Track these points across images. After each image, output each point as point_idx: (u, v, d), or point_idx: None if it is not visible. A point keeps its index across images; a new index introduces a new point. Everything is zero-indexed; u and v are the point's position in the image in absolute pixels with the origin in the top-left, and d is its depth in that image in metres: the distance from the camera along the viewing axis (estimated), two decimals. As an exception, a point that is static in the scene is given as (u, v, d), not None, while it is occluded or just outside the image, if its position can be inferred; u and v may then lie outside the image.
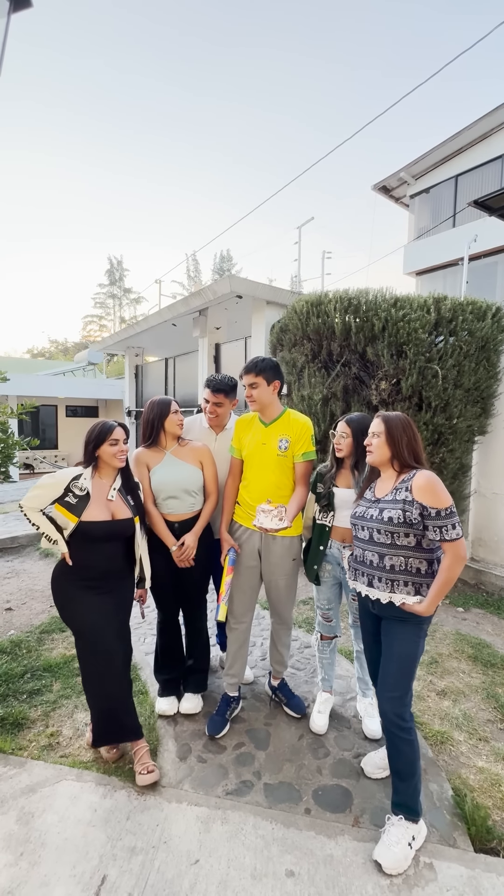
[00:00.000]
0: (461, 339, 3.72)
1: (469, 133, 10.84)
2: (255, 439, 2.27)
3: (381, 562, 1.73)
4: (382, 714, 1.72)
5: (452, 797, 1.92)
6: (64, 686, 2.64)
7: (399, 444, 1.76)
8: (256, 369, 2.19)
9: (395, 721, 1.68)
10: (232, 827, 1.76)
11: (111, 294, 45.54)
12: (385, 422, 1.80)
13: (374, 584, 1.76)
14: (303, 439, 2.22)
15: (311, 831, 1.75)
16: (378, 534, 1.73)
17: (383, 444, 1.79)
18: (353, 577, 1.89)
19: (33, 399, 4.15)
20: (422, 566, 1.71)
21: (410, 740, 1.68)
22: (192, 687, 2.49)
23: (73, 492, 1.91)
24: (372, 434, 1.84)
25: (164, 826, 1.76)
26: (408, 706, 1.71)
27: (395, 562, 1.71)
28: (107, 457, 1.96)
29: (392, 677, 1.70)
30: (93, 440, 1.95)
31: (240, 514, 2.34)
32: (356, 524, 1.86)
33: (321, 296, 4.18)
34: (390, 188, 13.08)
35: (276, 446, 2.21)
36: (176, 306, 6.99)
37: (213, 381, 2.39)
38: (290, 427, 2.24)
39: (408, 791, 1.69)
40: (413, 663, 1.72)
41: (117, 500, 2.00)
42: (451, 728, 2.35)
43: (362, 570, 1.82)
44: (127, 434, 2.02)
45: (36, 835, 1.72)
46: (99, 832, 1.73)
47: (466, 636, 3.28)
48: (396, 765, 1.71)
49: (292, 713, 2.41)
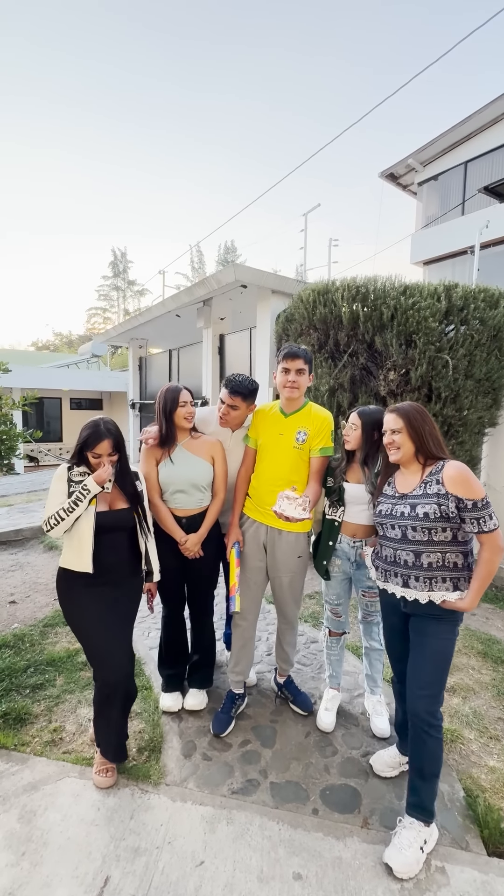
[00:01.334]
0: (472, 327, 3.62)
1: (479, 118, 10.56)
2: (272, 429, 2.19)
3: (418, 560, 1.67)
4: (413, 712, 1.68)
5: (464, 798, 1.87)
6: (67, 681, 2.61)
7: (422, 435, 1.70)
8: (306, 356, 2.13)
9: (427, 719, 1.64)
10: (238, 827, 1.72)
11: (115, 286, 45.33)
12: (404, 415, 1.73)
13: (410, 584, 1.70)
14: (322, 434, 2.16)
15: (319, 832, 1.71)
16: (413, 531, 1.66)
17: (406, 439, 1.71)
18: (382, 578, 1.82)
19: (35, 391, 4.09)
20: (458, 560, 1.66)
21: (440, 739, 1.65)
22: (196, 683, 2.45)
23: (74, 480, 1.86)
24: (391, 431, 1.75)
25: (169, 826, 1.72)
26: (440, 704, 1.68)
27: (433, 559, 1.65)
28: (91, 463, 1.90)
29: (427, 675, 1.66)
30: (79, 444, 1.88)
31: (249, 506, 2.28)
32: (383, 523, 1.79)
33: (328, 284, 4.08)
34: (398, 175, 12.81)
35: (293, 438, 2.14)
36: (180, 296, 6.89)
37: (233, 383, 2.23)
38: (311, 420, 2.17)
39: (428, 792, 1.65)
40: (447, 661, 1.68)
41: (114, 490, 1.94)
42: (461, 726, 2.30)
43: (394, 570, 1.75)
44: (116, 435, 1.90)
45: (38, 834, 1.68)
46: (102, 831, 1.70)
47: (476, 632, 3.22)
48: (420, 763, 1.67)
49: (299, 710, 2.37)
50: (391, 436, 1.75)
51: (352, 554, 2.17)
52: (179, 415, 2.17)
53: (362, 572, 2.15)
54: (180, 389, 2.18)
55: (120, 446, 1.92)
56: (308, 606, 3.60)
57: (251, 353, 6.36)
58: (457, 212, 11.53)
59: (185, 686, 2.49)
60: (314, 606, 3.60)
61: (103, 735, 1.96)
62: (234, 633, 2.34)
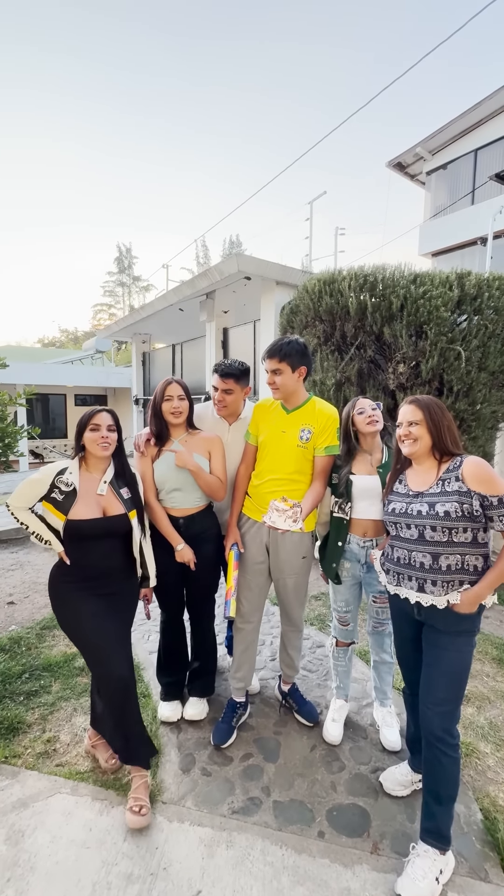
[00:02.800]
0: (486, 317, 3.45)
1: (489, 104, 10.26)
2: (274, 426, 2.06)
3: (436, 563, 1.54)
4: (427, 729, 1.56)
5: (482, 822, 1.74)
6: (63, 686, 2.51)
7: (441, 430, 1.59)
8: (280, 353, 1.96)
9: (443, 737, 1.52)
10: (238, 852, 1.61)
11: (120, 282, 45.25)
12: (424, 407, 1.62)
13: (426, 588, 1.57)
14: (328, 431, 2.02)
15: (326, 859, 1.59)
16: (432, 531, 1.54)
17: (425, 432, 1.61)
18: (394, 581, 1.69)
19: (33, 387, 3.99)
20: (478, 563, 1.54)
21: (457, 758, 1.53)
22: (197, 691, 2.33)
23: (59, 487, 1.73)
24: (408, 423, 1.64)
25: (164, 849, 1.61)
26: (457, 721, 1.56)
27: (452, 561, 1.53)
28: (89, 444, 1.78)
29: (442, 690, 1.54)
30: (77, 427, 1.78)
31: (249, 506, 2.16)
32: (396, 522, 1.66)
33: (334, 273, 3.91)
34: (406, 165, 12.53)
35: (296, 436, 2.01)
36: (182, 289, 6.75)
37: (222, 367, 2.15)
38: (316, 417, 2.03)
39: (445, 817, 1.53)
40: (465, 675, 1.56)
41: (109, 494, 1.82)
42: (477, 739, 2.16)
43: (408, 573, 1.62)
44: (115, 420, 1.82)
45: (25, 857, 1.58)
46: (93, 855, 1.59)
47: (490, 636, 3.07)
48: (436, 786, 1.54)
49: (304, 721, 2.24)
50: (408, 427, 1.63)
51: (362, 555, 2.04)
52: (165, 409, 2.06)
53: (373, 575, 2.00)
54: (169, 382, 2.07)
55: (118, 426, 1.83)
56: (314, 608, 3.47)
57: (255, 346, 6.22)
58: (466, 201, 11.25)
59: (185, 694, 2.37)
60: (321, 608, 3.47)
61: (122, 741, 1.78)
62: (235, 637, 2.22)
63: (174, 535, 2.09)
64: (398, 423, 1.68)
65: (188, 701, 2.31)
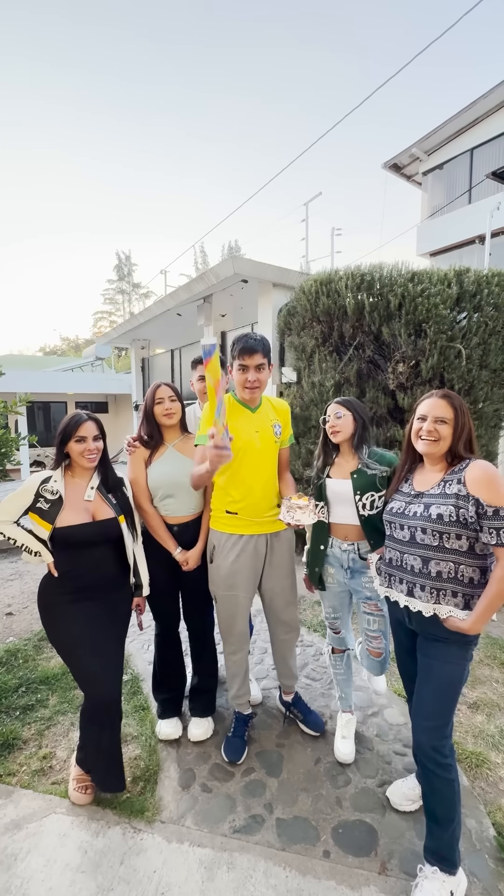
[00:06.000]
0: (486, 314, 3.39)
1: (484, 103, 10.24)
2: (246, 428, 1.90)
3: (426, 567, 1.45)
4: (417, 746, 1.48)
5: (495, 838, 1.66)
6: (61, 700, 2.45)
7: (462, 432, 1.48)
8: (264, 348, 1.86)
9: (432, 755, 1.44)
10: (240, 874, 1.54)
11: (120, 289, 45.46)
12: (458, 405, 1.48)
13: (414, 592, 1.49)
14: (288, 423, 2.07)
15: (332, 880, 1.52)
16: (422, 533, 1.45)
17: (451, 432, 1.48)
18: (386, 583, 1.61)
19: (30, 395, 3.94)
20: (475, 575, 1.42)
21: (450, 779, 1.43)
22: (199, 711, 2.22)
23: (44, 496, 1.68)
24: (435, 419, 1.48)
25: (162, 873, 1.54)
26: (448, 738, 1.46)
27: (443, 568, 1.43)
28: (75, 456, 1.72)
29: (430, 704, 1.45)
30: (61, 436, 1.71)
31: (237, 524, 1.95)
32: (392, 522, 1.58)
33: (331, 273, 3.87)
34: (402, 166, 12.52)
35: (272, 433, 1.95)
36: (179, 293, 6.73)
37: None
38: (277, 411, 2.04)
39: (443, 837, 1.44)
40: (456, 689, 1.46)
41: (97, 499, 1.77)
42: (487, 748, 2.09)
43: (399, 575, 1.54)
44: (100, 428, 1.76)
45: (17, 883, 1.51)
46: (88, 880, 1.52)
47: (498, 640, 2.99)
48: (431, 806, 1.47)
49: (310, 731, 2.17)
50: (434, 424, 1.48)
51: (344, 560, 1.93)
52: (158, 412, 2.01)
53: (358, 581, 1.91)
54: (159, 385, 2.03)
55: (102, 434, 1.78)
56: (316, 614, 3.40)
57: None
58: (463, 201, 11.23)
59: (185, 712, 2.29)
60: (322, 614, 3.39)
61: (94, 762, 1.79)
62: (228, 665, 2.10)
63: (170, 541, 2.03)
64: (420, 416, 1.54)
65: (191, 721, 2.20)
